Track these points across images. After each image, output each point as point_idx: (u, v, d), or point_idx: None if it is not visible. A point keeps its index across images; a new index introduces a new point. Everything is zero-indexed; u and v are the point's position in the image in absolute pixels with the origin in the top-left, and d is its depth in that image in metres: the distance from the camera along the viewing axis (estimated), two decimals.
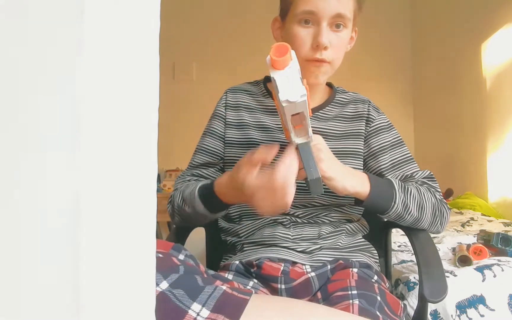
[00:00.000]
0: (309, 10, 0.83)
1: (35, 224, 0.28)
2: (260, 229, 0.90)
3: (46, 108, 0.28)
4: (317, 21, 0.83)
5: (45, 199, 0.28)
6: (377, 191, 0.82)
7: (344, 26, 0.85)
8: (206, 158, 0.96)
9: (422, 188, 0.88)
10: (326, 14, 0.82)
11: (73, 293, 0.27)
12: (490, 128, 2.48)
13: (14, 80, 0.28)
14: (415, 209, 0.85)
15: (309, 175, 0.71)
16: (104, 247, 0.29)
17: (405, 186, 0.86)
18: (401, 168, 0.93)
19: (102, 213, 0.29)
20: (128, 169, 0.30)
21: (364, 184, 0.82)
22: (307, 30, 0.84)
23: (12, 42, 0.28)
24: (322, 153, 0.76)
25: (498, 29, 2.42)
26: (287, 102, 0.64)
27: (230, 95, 0.99)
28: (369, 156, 0.94)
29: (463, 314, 1.10)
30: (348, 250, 0.90)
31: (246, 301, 0.52)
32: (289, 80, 0.65)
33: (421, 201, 0.86)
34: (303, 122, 0.69)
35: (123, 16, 0.30)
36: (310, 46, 0.84)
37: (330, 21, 0.83)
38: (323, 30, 0.82)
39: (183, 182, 0.96)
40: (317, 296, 0.80)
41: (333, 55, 0.85)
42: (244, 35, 3.01)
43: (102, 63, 0.28)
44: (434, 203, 0.88)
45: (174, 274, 0.54)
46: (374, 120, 0.95)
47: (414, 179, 0.92)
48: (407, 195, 0.84)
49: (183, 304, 0.50)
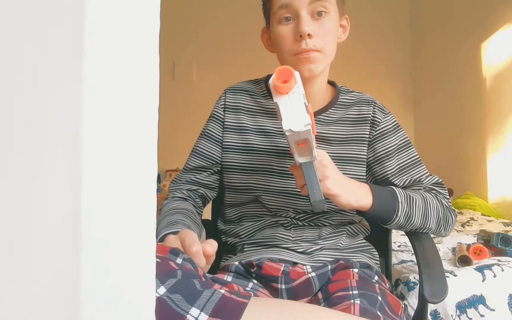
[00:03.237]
0: (284, 3, 0.81)
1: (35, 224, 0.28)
2: (260, 230, 0.90)
3: (46, 108, 0.28)
4: (295, 13, 0.81)
5: (45, 199, 0.28)
6: (379, 203, 0.81)
7: (326, 11, 0.82)
8: (200, 161, 0.94)
9: (429, 196, 0.87)
10: (301, 2, 0.80)
11: (73, 295, 0.27)
12: (490, 128, 2.48)
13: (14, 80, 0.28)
14: (418, 219, 0.84)
15: (311, 197, 0.70)
16: (104, 247, 0.29)
17: (410, 196, 0.84)
18: (408, 172, 0.91)
19: (102, 213, 0.29)
20: (128, 169, 0.30)
21: (368, 197, 0.81)
22: (289, 26, 0.82)
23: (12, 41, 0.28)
24: (327, 170, 0.75)
25: (498, 29, 2.42)
26: (290, 131, 0.63)
27: (229, 95, 0.95)
28: (375, 161, 0.91)
29: (463, 314, 1.10)
30: (349, 251, 0.89)
31: (245, 304, 0.52)
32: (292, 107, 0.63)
33: (425, 211, 0.85)
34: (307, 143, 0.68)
35: (123, 16, 0.30)
36: (294, 39, 0.81)
37: (310, 9, 0.81)
38: (302, 19, 0.80)
39: (178, 187, 0.95)
40: (318, 296, 0.80)
41: (321, 42, 0.81)
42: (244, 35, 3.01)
43: (102, 63, 0.28)
44: (440, 211, 0.87)
45: (171, 279, 0.53)
46: (380, 123, 0.91)
47: (422, 184, 0.91)
48: (411, 206, 0.83)
49: (181, 309, 0.50)
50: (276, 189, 0.88)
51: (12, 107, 0.28)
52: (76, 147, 0.27)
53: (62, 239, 0.28)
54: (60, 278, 0.28)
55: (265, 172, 0.89)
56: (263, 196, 0.89)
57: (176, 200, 0.91)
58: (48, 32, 0.28)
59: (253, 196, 0.90)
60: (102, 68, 0.28)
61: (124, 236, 0.30)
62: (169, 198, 0.93)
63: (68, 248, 0.27)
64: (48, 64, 0.28)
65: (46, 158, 0.28)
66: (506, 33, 2.36)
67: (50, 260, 0.28)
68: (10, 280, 0.28)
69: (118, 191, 0.30)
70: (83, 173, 0.27)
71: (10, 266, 0.28)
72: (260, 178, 0.89)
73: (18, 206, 0.28)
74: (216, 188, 0.96)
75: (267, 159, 0.89)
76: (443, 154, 2.89)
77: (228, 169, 0.92)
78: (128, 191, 0.30)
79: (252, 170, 0.90)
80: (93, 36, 0.28)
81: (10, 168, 0.28)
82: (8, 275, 0.28)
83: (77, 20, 0.27)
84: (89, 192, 0.28)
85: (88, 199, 0.28)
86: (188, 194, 0.94)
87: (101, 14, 0.28)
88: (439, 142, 2.96)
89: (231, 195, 0.93)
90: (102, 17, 0.28)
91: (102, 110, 0.28)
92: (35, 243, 0.28)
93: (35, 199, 0.28)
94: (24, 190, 0.28)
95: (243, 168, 0.90)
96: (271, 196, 0.88)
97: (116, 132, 0.29)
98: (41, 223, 0.28)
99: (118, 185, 0.30)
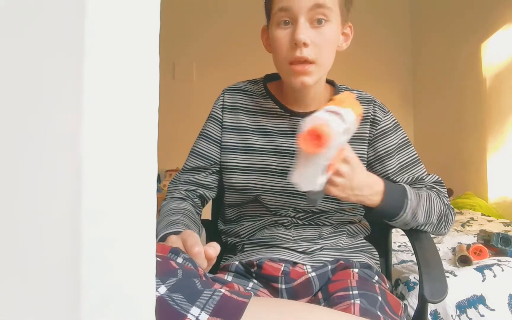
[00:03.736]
0: (283, 6, 0.77)
1: (35, 224, 0.28)
2: (260, 229, 0.90)
3: (46, 108, 0.28)
4: (294, 18, 0.77)
5: (45, 199, 0.28)
6: (389, 199, 0.81)
7: (327, 19, 0.78)
8: (198, 162, 0.93)
9: (432, 194, 0.87)
10: (301, 7, 0.76)
11: (73, 294, 0.27)
12: (490, 128, 2.48)
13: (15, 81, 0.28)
14: (422, 216, 0.84)
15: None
16: (104, 247, 0.29)
17: (417, 193, 0.84)
18: (409, 170, 0.91)
19: (103, 213, 0.29)
20: (128, 169, 0.30)
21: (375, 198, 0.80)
22: (286, 31, 0.78)
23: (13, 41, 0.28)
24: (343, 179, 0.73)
25: (498, 29, 2.42)
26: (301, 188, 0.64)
27: (227, 95, 0.94)
28: (376, 160, 0.90)
29: (463, 314, 1.10)
30: (349, 251, 0.89)
31: (245, 304, 0.52)
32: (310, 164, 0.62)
33: (428, 208, 0.85)
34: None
35: (123, 16, 0.30)
36: (289, 46, 0.78)
37: (309, 15, 0.77)
38: (300, 25, 0.76)
39: (176, 188, 0.95)
40: (318, 296, 0.80)
41: (317, 53, 0.78)
42: (244, 35, 3.01)
43: (102, 63, 0.28)
44: (442, 210, 0.88)
45: (172, 278, 0.53)
46: (380, 122, 0.90)
47: (424, 182, 0.91)
48: (418, 202, 0.83)
49: (182, 308, 0.50)
50: (276, 189, 0.88)
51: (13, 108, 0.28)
52: (77, 147, 0.27)
53: (62, 238, 0.28)
54: (60, 277, 0.28)
55: (265, 172, 0.89)
56: (263, 196, 0.89)
57: (175, 201, 0.91)
58: (48, 32, 0.28)
59: (252, 196, 0.90)
60: (102, 68, 0.28)
61: (124, 236, 0.30)
62: (167, 199, 0.93)
63: (69, 247, 0.27)
64: (48, 64, 0.28)
65: (47, 158, 0.28)
66: (506, 33, 2.36)
67: (51, 259, 0.28)
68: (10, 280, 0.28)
69: (118, 191, 0.30)
70: (84, 173, 0.27)
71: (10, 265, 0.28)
72: (260, 178, 0.89)
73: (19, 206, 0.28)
74: (215, 188, 0.96)
75: (266, 159, 0.89)
76: (443, 154, 2.89)
77: (227, 169, 0.92)
78: (128, 191, 0.30)
79: (252, 170, 0.90)
80: (93, 36, 0.28)
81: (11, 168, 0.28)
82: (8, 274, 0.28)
83: (77, 20, 0.27)
84: (90, 192, 0.28)
85: (89, 199, 0.28)
86: (187, 194, 0.93)
87: (101, 14, 0.28)
88: (439, 142, 2.96)
89: (231, 195, 0.93)
90: (102, 17, 0.28)
91: (103, 110, 0.28)
92: (35, 242, 0.28)
93: (35, 198, 0.28)
94: (25, 190, 0.28)
95: (243, 168, 0.90)
96: (271, 196, 0.88)
97: (116, 132, 0.29)
98: (42, 222, 0.28)
99: (118, 185, 0.30)
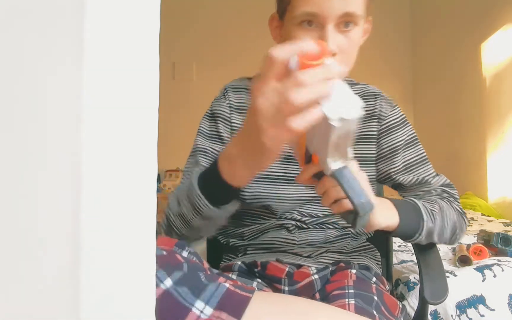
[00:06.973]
0: (310, 12, 0.70)
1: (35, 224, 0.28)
2: (264, 233, 0.87)
3: (46, 107, 0.28)
4: (321, 22, 0.70)
5: (45, 198, 0.28)
6: (405, 222, 0.74)
7: (355, 24, 0.72)
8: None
9: (445, 205, 0.81)
10: (331, 14, 0.69)
11: (73, 293, 0.27)
12: (490, 127, 2.48)
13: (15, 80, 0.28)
14: (436, 235, 0.79)
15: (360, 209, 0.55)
16: (104, 247, 0.29)
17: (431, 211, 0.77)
18: (414, 170, 0.85)
19: (102, 213, 0.29)
20: (128, 169, 0.30)
21: (394, 215, 0.72)
22: (310, 33, 0.71)
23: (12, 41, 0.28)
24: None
25: (498, 29, 2.42)
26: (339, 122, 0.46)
27: (232, 94, 0.87)
28: (380, 158, 0.85)
29: (463, 314, 1.10)
30: (352, 253, 0.88)
31: (249, 298, 0.52)
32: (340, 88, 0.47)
33: (442, 226, 0.79)
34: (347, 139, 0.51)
35: (123, 16, 0.30)
36: None
37: (338, 21, 0.70)
38: (329, 34, 0.69)
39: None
40: (315, 296, 0.79)
41: (341, 61, 0.71)
42: (244, 35, 3.01)
43: (102, 63, 0.28)
44: (455, 222, 0.81)
45: (178, 271, 0.53)
46: (387, 116, 0.84)
47: (431, 186, 0.86)
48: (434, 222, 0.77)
49: (187, 301, 0.50)
50: (282, 197, 0.83)
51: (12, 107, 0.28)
52: (76, 146, 0.27)
53: (62, 238, 0.28)
54: (60, 276, 0.28)
55: (271, 180, 0.84)
56: (270, 204, 0.84)
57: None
58: (48, 32, 0.28)
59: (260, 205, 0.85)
60: (102, 68, 0.28)
61: (124, 236, 0.30)
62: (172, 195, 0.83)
63: (68, 247, 0.27)
64: (48, 64, 0.28)
65: (47, 158, 0.28)
66: (506, 33, 2.36)
67: (50, 258, 0.28)
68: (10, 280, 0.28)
69: (118, 191, 0.30)
70: (83, 172, 0.27)
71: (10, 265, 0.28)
72: (267, 186, 0.84)
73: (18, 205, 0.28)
74: None
75: (272, 166, 0.83)
76: (443, 153, 2.89)
77: None
78: (128, 191, 0.30)
79: (259, 178, 0.83)
80: (93, 36, 0.28)
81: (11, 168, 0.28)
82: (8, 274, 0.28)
83: (77, 20, 0.27)
84: (89, 191, 0.28)
85: (88, 199, 0.28)
86: None
87: (101, 14, 0.28)
88: (438, 142, 2.96)
89: None
90: (102, 17, 0.28)
91: (102, 110, 0.28)
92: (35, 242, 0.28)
93: (35, 198, 0.28)
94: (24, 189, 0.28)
95: None
96: (277, 203, 0.84)
97: (116, 132, 0.29)
98: (42, 222, 0.28)
99: (118, 185, 0.30)
